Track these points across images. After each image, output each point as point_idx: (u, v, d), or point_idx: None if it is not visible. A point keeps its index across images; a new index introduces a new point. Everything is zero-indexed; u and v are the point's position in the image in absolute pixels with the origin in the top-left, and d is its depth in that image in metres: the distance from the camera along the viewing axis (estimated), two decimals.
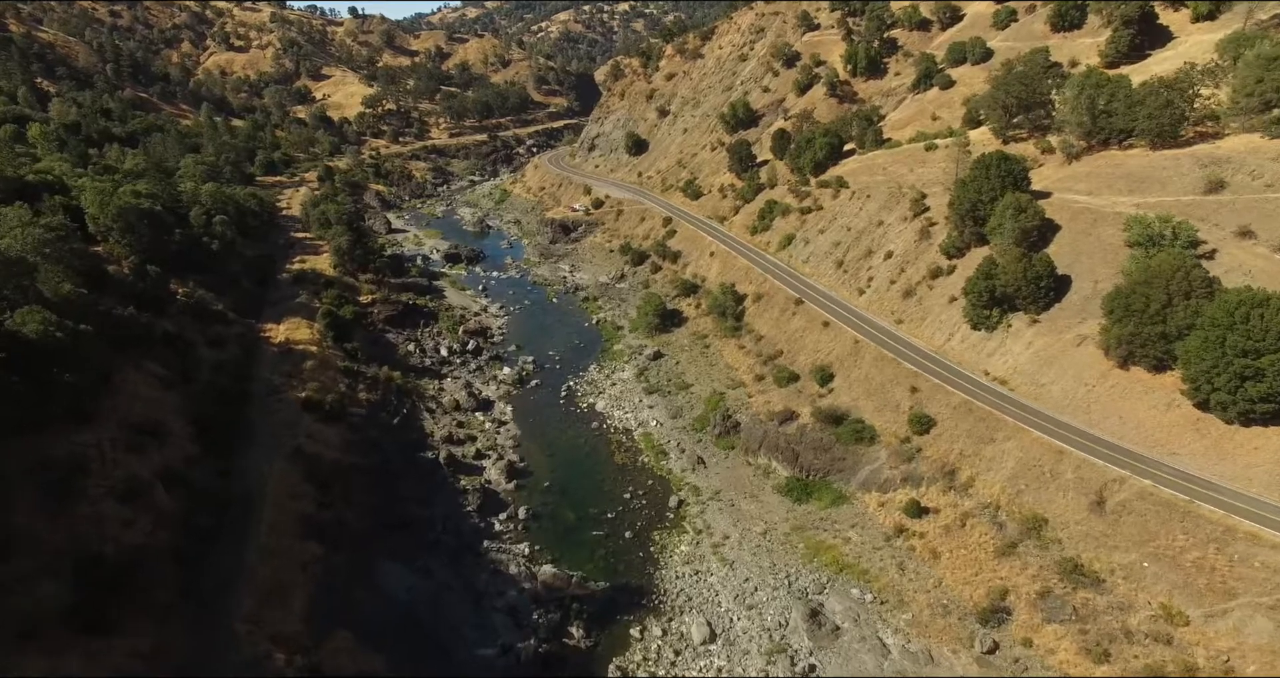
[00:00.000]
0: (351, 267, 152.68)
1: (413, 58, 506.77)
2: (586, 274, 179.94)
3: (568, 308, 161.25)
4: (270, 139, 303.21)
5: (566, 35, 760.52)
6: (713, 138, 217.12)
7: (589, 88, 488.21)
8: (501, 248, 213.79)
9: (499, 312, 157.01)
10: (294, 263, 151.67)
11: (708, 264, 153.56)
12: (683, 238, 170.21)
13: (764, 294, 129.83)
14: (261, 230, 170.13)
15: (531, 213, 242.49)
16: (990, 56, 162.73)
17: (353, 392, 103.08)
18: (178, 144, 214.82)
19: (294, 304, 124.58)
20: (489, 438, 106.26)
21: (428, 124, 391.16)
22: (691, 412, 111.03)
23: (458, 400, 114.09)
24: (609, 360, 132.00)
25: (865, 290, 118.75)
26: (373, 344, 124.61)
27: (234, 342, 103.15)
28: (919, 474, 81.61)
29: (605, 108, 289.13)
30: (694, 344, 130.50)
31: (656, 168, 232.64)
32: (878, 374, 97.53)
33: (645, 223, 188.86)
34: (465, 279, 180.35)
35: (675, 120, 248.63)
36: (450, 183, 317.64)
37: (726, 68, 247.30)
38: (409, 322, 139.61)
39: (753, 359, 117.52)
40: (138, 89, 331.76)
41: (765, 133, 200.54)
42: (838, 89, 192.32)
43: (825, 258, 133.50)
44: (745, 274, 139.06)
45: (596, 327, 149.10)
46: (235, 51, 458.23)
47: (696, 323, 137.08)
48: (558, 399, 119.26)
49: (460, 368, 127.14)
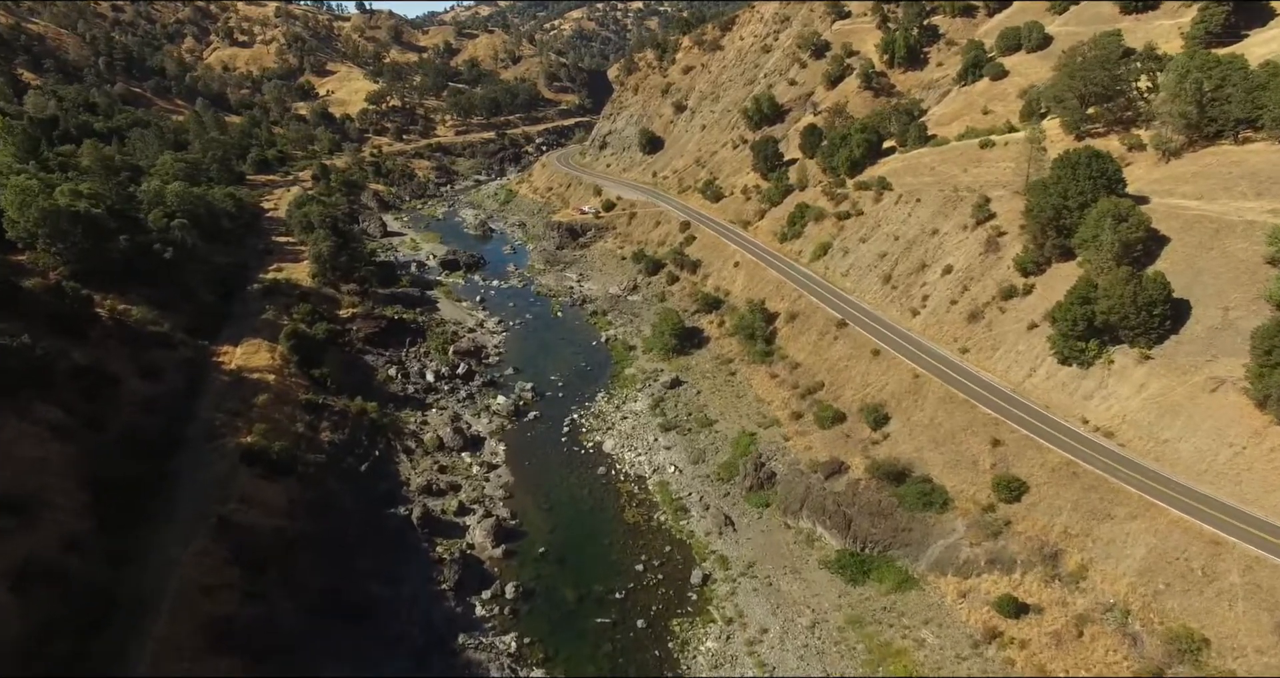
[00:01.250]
0: (333, 276, 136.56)
1: (420, 54, 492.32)
2: (595, 284, 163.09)
3: (574, 323, 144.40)
4: (266, 136, 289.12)
5: (579, 33, 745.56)
6: (734, 135, 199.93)
7: (601, 85, 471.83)
8: (504, 253, 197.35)
9: (497, 327, 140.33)
10: (269, 271, 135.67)
11: (731, 276, 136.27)
12: (703, 245, 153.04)
13: (799, 313, 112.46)
14: (237, 234, 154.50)
15: (538, 215, 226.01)
16: (1049, 43, 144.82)
17: (313, 432, 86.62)
18: (158, 140, 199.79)
19: (259, 321, 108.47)
20: (476, 486, 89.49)
21: (433, 121, 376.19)
22: (716, 456, 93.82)
23: (441, 438, 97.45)
24: (619, 388, 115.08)
25: (920, 311, 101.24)
26: (347, 368, 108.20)
27: (175, 370, 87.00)
28: (1009, 555, 64.08)
29: (618, 103, 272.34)
30: (718, 370, 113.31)
31: (673, 167, 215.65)
32: (946, 419, 80.00)
33: (660, 227, 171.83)
34: (462, 289, 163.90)
35: (693, 116, 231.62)
36: (454, 182, 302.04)
37: (748, 60, 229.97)
38: (393, 340, 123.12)
39: (788, 391, 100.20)
40: (131, 83, 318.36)
41: (792, 129, 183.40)
42: (873, 81, 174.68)
43: (869, 271, 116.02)
44: (776, 289, 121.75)
45: (606, 346, 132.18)
46: (239, 47, 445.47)
47: (720, 344, 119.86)
48: (559, 436, 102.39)
49: (448, 396, 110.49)
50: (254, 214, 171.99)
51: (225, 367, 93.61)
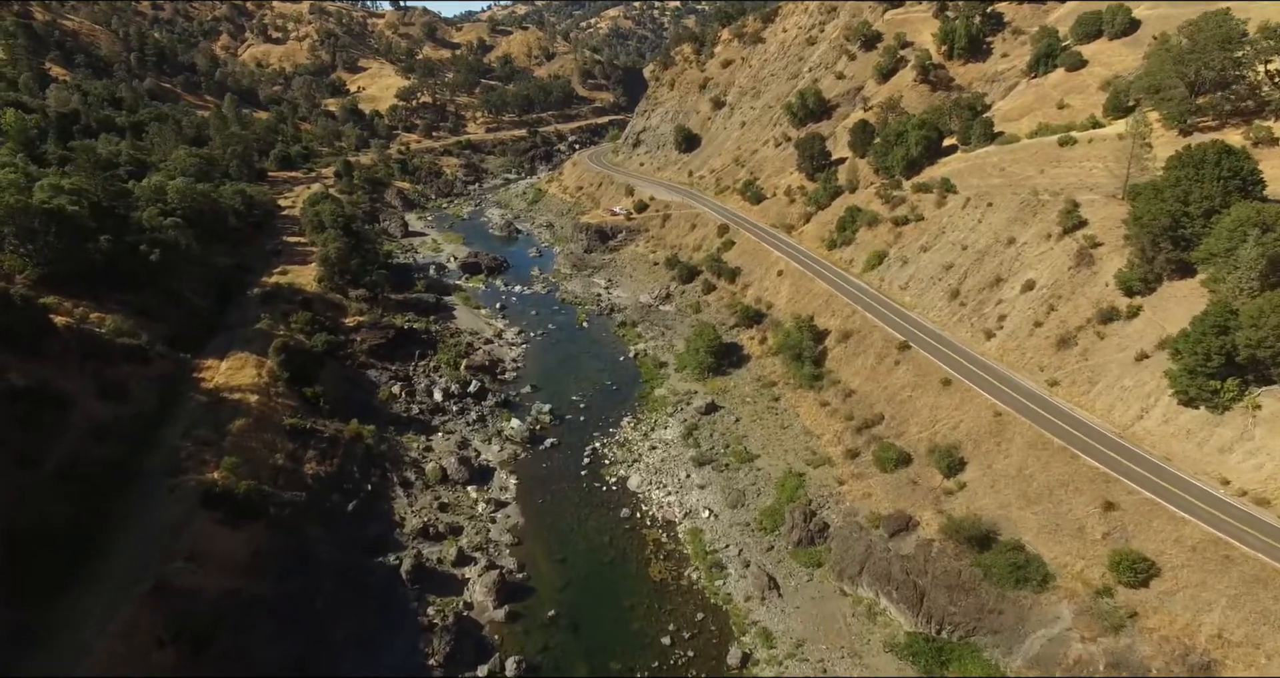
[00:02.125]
0: (340, 280, 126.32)
1: (454, 51, 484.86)
2: (625, 292, 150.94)
3: (600, 335, 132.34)
4: (291, 132, 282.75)
5: (616, 31, 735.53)
6: (776, 132, 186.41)
7: (637, 83, 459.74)
8: (529, 256, 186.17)
9: (516, 338, 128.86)
10: (273, 274, 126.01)
11: (774, 286, 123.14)
12: (742, 251, 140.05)
13: (852, 332, 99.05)
14: (246, 234, 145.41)
15: (566, 216, 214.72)
16: (1135, 28, 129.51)
17: (296, 463, 75.77)
18: (175, 134, 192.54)
19: (251, 331, 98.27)
20: (480, 529, 77.81)
21: (464, 118, 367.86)
22: (758, 499, 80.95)
23: (445, 469, 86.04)
24: (648, 411, 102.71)
25: (995, 333, 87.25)
26: (347, 385, 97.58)
27: (145, 389, 76.82)
28: (1138, 660, 50.34)
29: (653, 99, 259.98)
30: (759, 395, 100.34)
31: (710, 166, 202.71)
32: (1038, 469, 66.25)
33: (696, 231, 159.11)
34: (482, 295, 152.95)
35: (732, 113, 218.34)
36: (483, 181, 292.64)
37: (792, 53, 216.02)
38: (401, 352, 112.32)
39: (841, 424, 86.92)
40: (161, 79, 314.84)
41: (840, 126, 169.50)
42: (930, 74, 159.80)
43: (932, 284, 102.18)
44: (825, 302, 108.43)
45: (634, 361, 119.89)
46: (272, 43, 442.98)
47: (762, 364, 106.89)
48: (578, 468, 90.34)
49: (457, 419, 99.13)
50: (267, 212, 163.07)
51: (205, 384, 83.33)
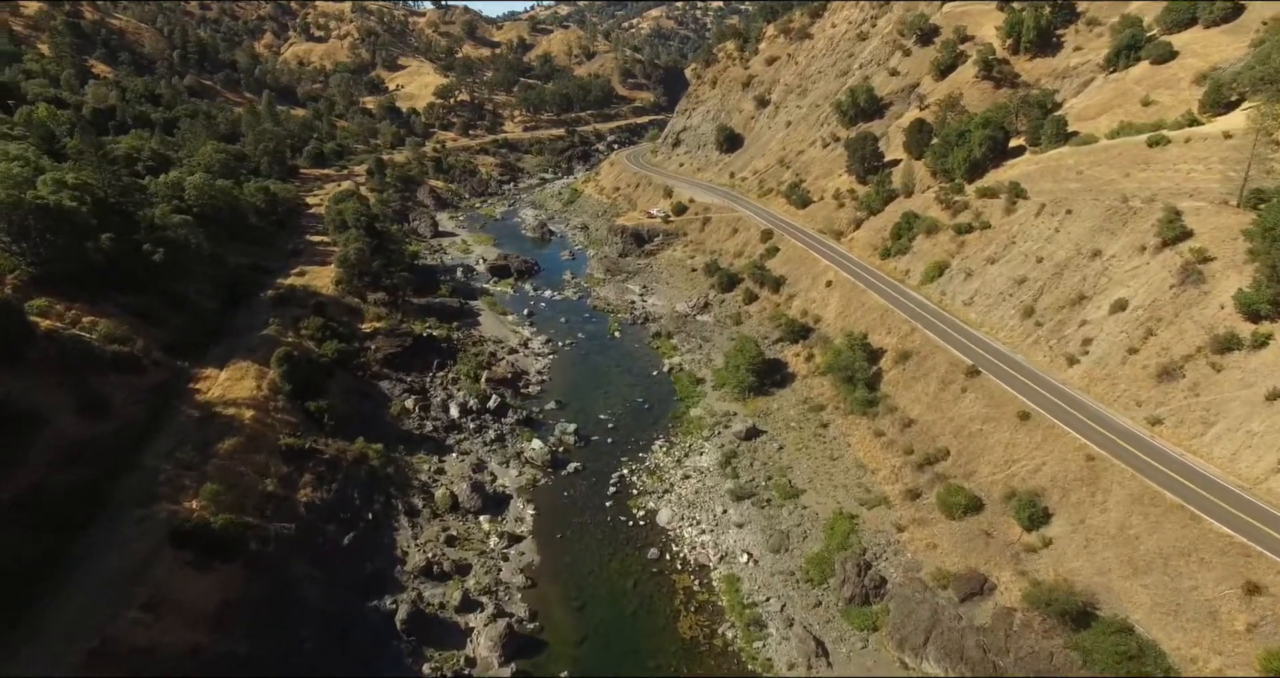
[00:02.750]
0: (359, 283, 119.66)
1: (494, 49, 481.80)
2: (660, 299, 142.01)
3: (633, 346, 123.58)
4: (326, 129, 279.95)
5: (658, 31, 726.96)
6: (824, 132, 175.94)
7: (678, 82, 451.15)
8: (561, 259, 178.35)
9: (543, 348, 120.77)
10: (290, 276, 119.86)
11: (822, 297, 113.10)
12: (787, 258, 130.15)
13: (911, 352, 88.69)
14: (268, 233, 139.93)
15: (602, 217, 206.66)
16: (1238, 14, 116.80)
17: (289, 489, 68.40)
18: (205, 129, 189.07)
19: (257, 338, 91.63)
20: (490, 567, 69.57)
21: (502, 117, 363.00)
22: (803, 543, 71.30)
23: (456, 496, 78.07)
24: (683, 434, 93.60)
25: (1079, 359, 76.33)
26: (356, 398, 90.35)
27: (131, 403, 70.21)
28: None
29: (694, 98, 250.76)
30: (805, 419, 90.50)
31: (752, 167, 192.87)
32: (1148, 531, 55.59)
33: (738, 236, 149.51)
34: (510, 300, 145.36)
35: (777, 111, 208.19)
36: (518, 180, 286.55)
37: (841, 49, 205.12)
38: (418, 362, 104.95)
39: (898, 458, 76.83)
40: (202, 76, 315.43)
41: (894, 125, 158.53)
42: (993, 70, 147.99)
43: (1002, 301, 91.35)
44: (880, 318, 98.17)
45: (669, 376, 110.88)
46: (314, 42, 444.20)
47: (809, 385, 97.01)
48: (603, 498, 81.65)
49: (473, 438, 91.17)
50: (291, 210, 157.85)
51: (200, 396, 76.60)
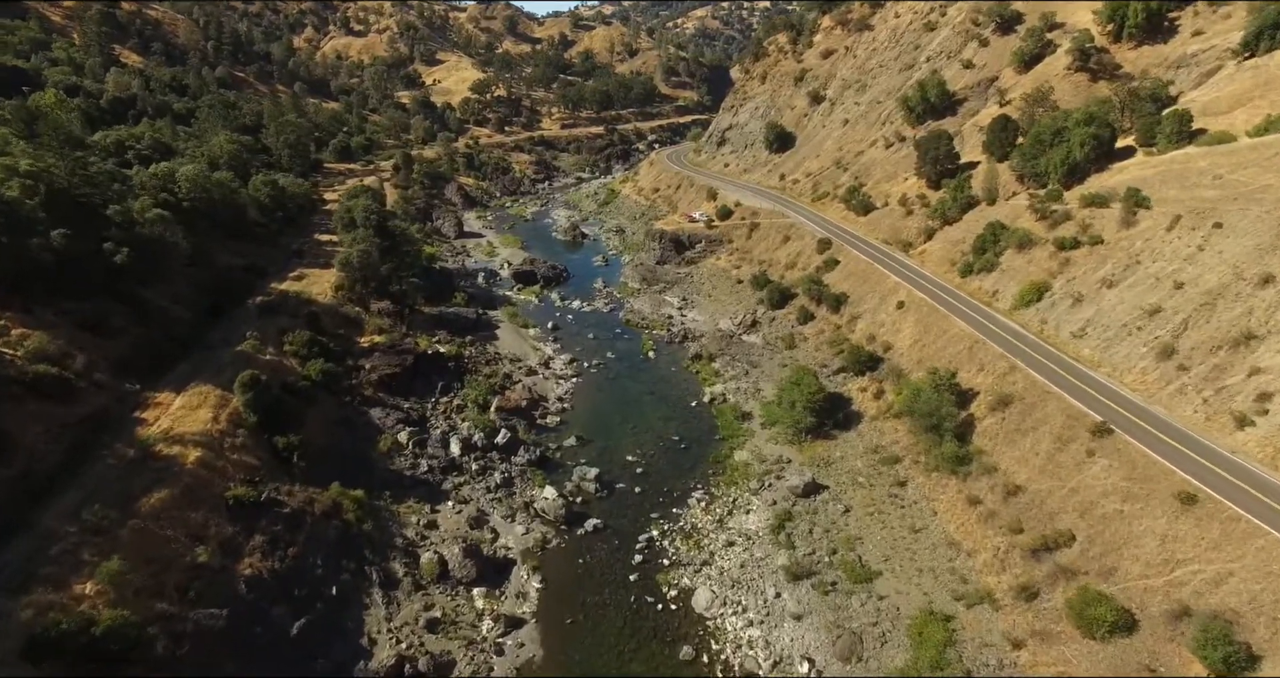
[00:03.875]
0: (363, 289, 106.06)
1: (535, 46, 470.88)
2: (702, 315, 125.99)
3: (669, 370, 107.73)
4: (357, 122, 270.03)
5: (702, 31, 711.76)
6: (888, 130, 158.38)
7: (723, 81, 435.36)
8: (594, 265, 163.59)
9: (566, 369, 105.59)
10: (286, 279, 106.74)
11: (893, 321, 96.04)
12: (849, 272, 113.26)
13: (1013, 397, 71.24)
14: (273, 231, 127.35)
15: (639, 220, 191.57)
16: None
17: (230, 556, 54.06)
18: (222, 119, 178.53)
19: (230, 355, 78.03)
20: (478, 664, 54.37)
21: (539, 113, 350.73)
22: (882, 649, 54.58)
23: (445, 561, 63.15)
24: (726, 485, 77.51)
25: (1253, 420, 58.44)
26: (340, 431, 76.14)
27: (48, 440, 56.66)
28: None
29: (741, 94, 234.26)
30: (877, 474, 73.79)
31: (805, 169, 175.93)
32: None
33: (790, 245, 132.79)
34: (533, 311, 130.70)
35: (833, 108, 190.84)
36: (553, 179, 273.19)
37: (906, 41, 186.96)
38: (419, 385, 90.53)
39: (1002, 537, 59.75)
40: (235, 68, 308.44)
41: (969, 123, 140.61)
42: (1090, 60, 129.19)
43: (1126, 335, 73.59)
44: (968, 351, 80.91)
45: (710, 409, 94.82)
46: (354, 36, 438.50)
47: (879, 429, 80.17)
48: (627, 567, 65.96)
49: (476, 481, 76.18)
50: (301, 207, 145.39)
51: (143, 430, 62.97)
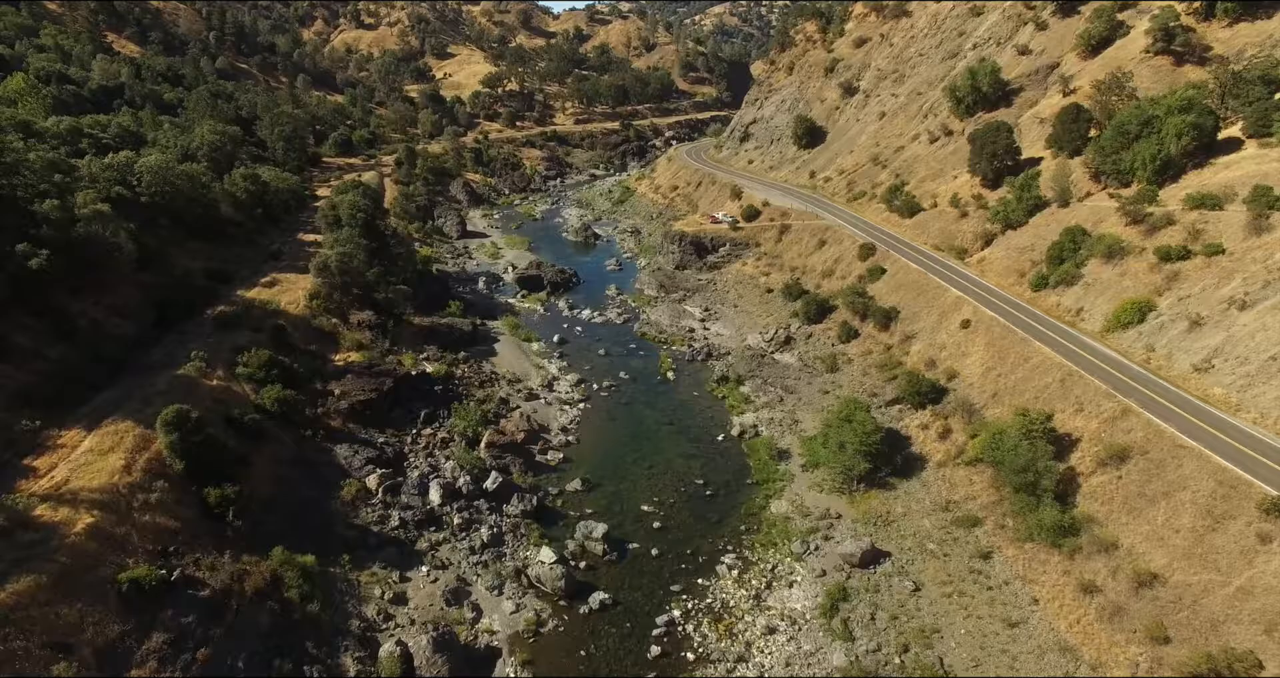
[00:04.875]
0: (341, 298, 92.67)
1: (549, 39, 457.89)
2: (727, 328, 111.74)
3: (691, 394, 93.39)
4: (360, 115, 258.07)
5: (721, 28, 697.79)
6: (932, 124, 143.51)
7: (743, 77, 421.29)
8: (606, 269, 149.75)
9: (572, 392, 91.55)
10: (256, 286, 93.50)
11: (957, 343, 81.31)
12: (898, 283, 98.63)
13: (1130, 451, 56.31)
14: (249, 229, 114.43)
15: (656, 220, 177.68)
16: None
17: (110, 672, 40.63)
18: (209, 109, 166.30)
19: (165, 381, 64.80)
20: None
21: (552, 108, 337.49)
22: None
23: (410, 656, 49.41)
24: (763, 547, 63.07)
25: None
26: (296, 475, 62.67)
27: None
28: None
29: (766, 86, 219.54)
30: (952, 540, 59.20)
31: (838, 166, 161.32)
32: None
33: (827, 250, 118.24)
34: (537, 321, 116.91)
35: (867, 101, 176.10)
36: (565, 176, 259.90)
37: (949, 27, 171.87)
38: (398, 414, 76.80)
39: (1140, 646, 44.70)
40: (238, 59, 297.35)
41: (1026, 115, 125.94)
42: (1174, 41, 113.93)
43: (1276, 372, 58.88)
44: (1059, 385, 66.07)
45: (739, 443, 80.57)
46: (364, 29, 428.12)
47: (949, 477, 65.59)
48: (641, 662, 51.65)
49: (458, 538, 62.15)
50: (286, 204, 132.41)
51: (29, 483, 49.70)
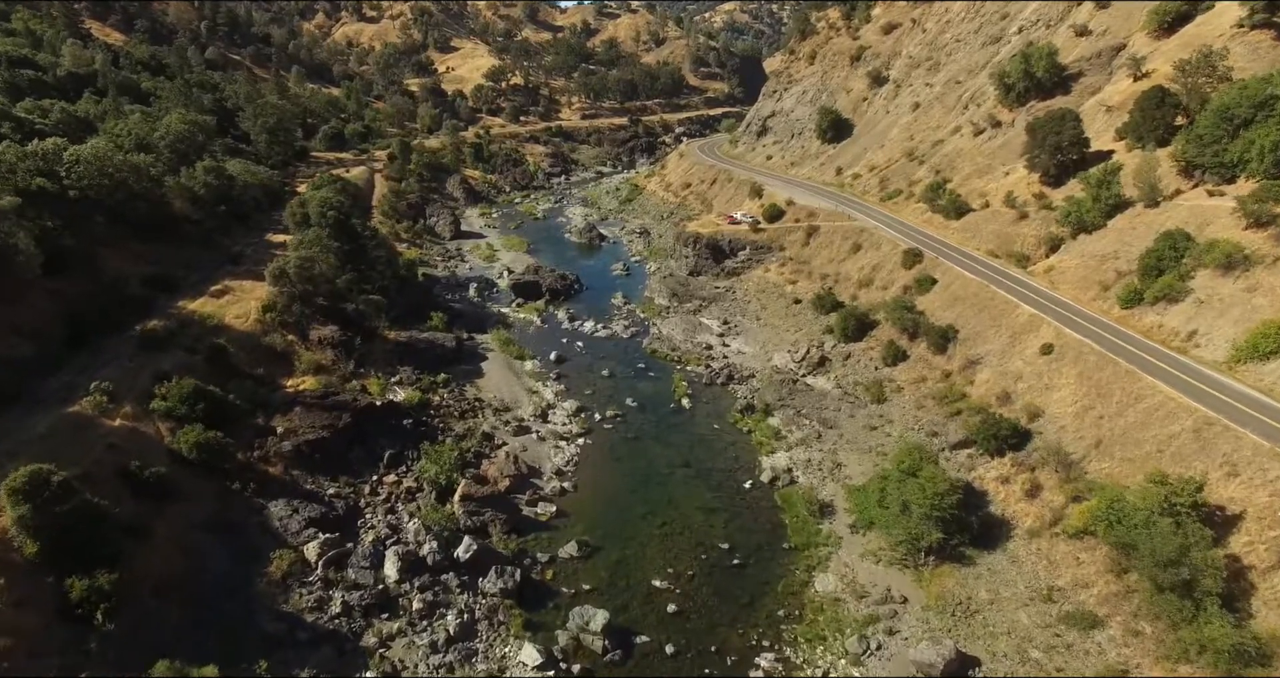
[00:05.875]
0: (302, 310, 78.92)
1: (556, 33, 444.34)
2: (750, 344, 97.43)
3: (710, 426, 79.03)
4: (355, 108, 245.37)
5: (731, 25, 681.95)
6: (977, 114, 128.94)
7: (755, 73, 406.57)
8: (612, 274, 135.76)
9: (569, 423, 77.40)
10: (204, 295, 79.83)
11: (1037, 372, 66.72)
12: (953, 295, 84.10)
13: None
14: (207, 229, 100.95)
15: (667, 221, 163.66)
16: None
17: None
18: (183, 97, 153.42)
19: (46, 424, 51.19)
20: None
21: (558, 103, 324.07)
22: None
23: None
24: (808, 643, 48.73)
25: None
26: (211, 544, 48.94)
27: None
28: None
29: (785, 77, 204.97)
30: (1064, 647, 44.50)
31: (868, 162, 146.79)
32: None
33: (864, 255, 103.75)
34: (533, 335, 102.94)
35: (898, 91, 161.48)
36: (570, 173, 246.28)
37: (989, 9, 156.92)
38: (358, 455, 62.85)
39: None
40: (231, 50, 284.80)
41: (1089, 101, 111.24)
42: (1277, 12, 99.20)
43: None
44: (1193, 436, 51.44)
45: (770, 492, 66.40)
46: (366, 22, 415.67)
47: (1048, 553, 51.01)
48: None
49: (417, 630, 48.44)
50: (260, 201, 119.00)
51: None
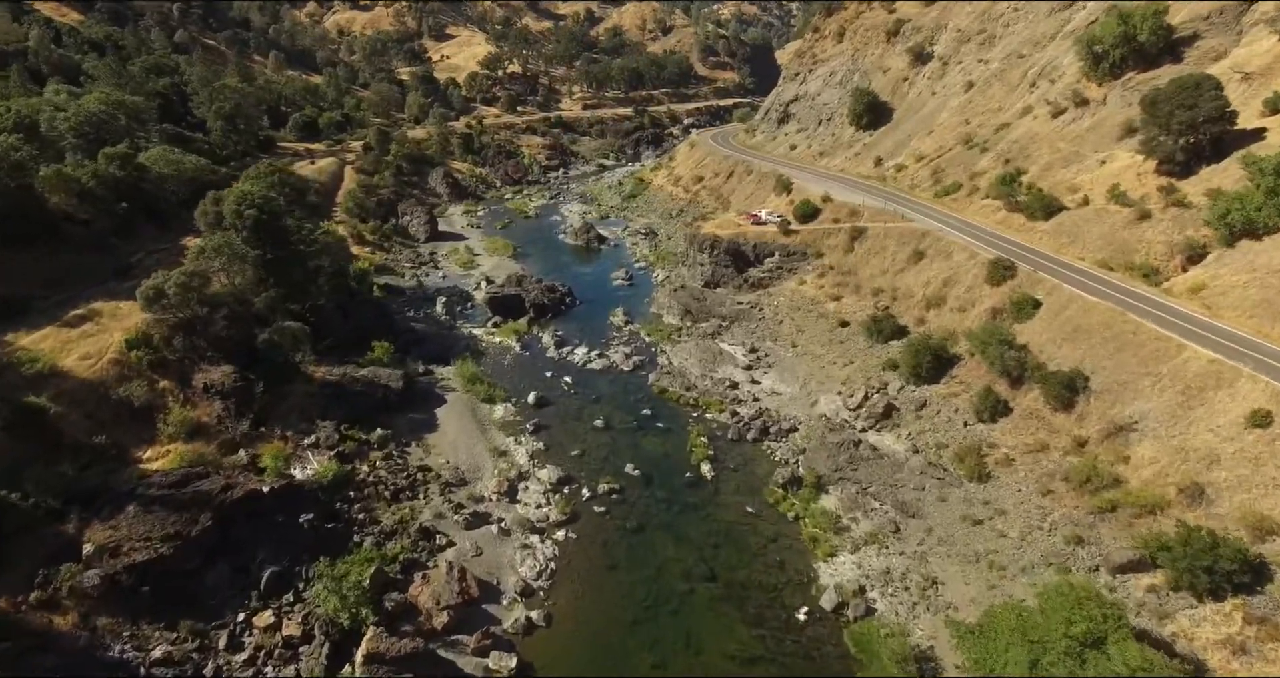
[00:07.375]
0: (186, 344, 57.76)
1: (558, 22, 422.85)
2: (786, 381, 75.71)
3: (740, 508, 57.05)
4: (334, 96, 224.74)
5: (739, 18, 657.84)
6: (1053, 91, 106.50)
7: (766, 63, 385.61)
8: (612, 283, 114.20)
9: (545, 504, 55.76)
10: (55, 321, 58.80)
11: (1247, 455, 45.07)
12: (1072, 325, 62.15)
13: None
14: (99, 231, 79.83)
15: (676, 220, 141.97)
16: None
17: None
18: (115, 76, 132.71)
19: None
20: None
21: (559, 93, 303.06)
22: None
23: None
24: None
25: None
26: None
27: None
28: None
29: (809, 57, 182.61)
30: None
31: (914, 151, 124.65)
32: None
33: (929, 266, 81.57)
34: (508, 367, 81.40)
35: (946, 69, 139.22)
36: (570, 166, 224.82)
37: None
38: (217, 577, 41.39)
39: None
40: (205, 34, 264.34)
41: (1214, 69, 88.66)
42: None
43: None
44: None
45: (838, 628, 45.27)
46: (359, 10, 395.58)
47: None
48: None
49: None
50: (185, 199, 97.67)
51: None
